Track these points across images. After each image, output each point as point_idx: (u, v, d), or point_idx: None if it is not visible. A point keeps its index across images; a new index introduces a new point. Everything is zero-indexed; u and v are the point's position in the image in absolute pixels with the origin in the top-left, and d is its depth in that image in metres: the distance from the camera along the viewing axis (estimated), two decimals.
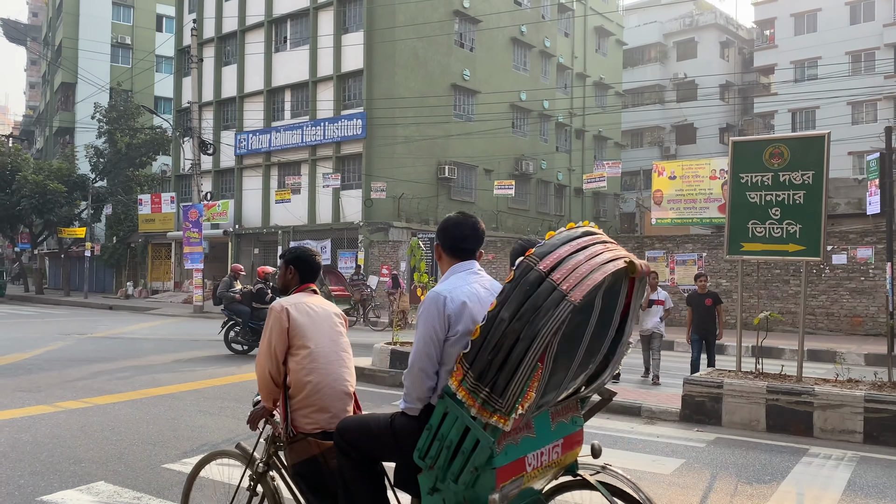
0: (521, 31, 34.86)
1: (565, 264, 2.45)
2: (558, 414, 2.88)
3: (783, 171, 7.77)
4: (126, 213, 39.35)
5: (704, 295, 10.28)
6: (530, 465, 2.67)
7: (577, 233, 2.61)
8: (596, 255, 2.51)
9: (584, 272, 2.43)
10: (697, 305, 10.25)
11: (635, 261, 2.57)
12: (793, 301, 18.12)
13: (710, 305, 10.18)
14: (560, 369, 2.53)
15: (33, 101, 76.48)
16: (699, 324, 10.18)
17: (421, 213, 29.61)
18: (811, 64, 40.54)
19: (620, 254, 2.59)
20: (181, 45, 37.14)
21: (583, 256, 2.49)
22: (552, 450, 2.80)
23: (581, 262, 2.46)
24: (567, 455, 2.93)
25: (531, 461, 2.67)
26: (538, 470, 2.71)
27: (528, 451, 2.65)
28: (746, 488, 5.42)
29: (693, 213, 23.26)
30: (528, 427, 2.67)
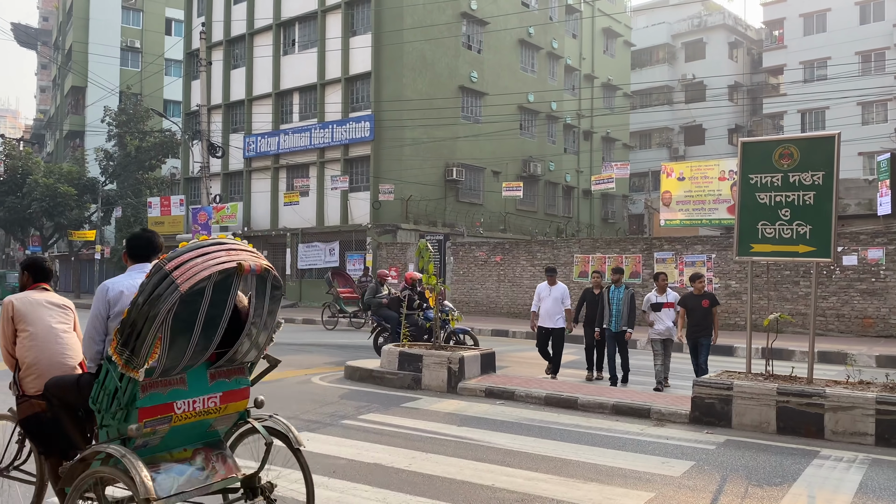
0: (529, 32, 34.85)
1: (186, 264, 3.31)
2: (219, 374, 3.79)
3: (793, 172, 7.72)
4: (136, 215, 39.54)
5: (701, 296, 9.91)
6: (179, 409, 3.56)
7: (206, 242, 3.51)
8: (213, 258, 3.39)
9: (196, 270, 3.30)
10: (694, 307, 9.84)
11: (244, 262, 3.45)
12: (803, 302, 18.02)
13: (707, 307, 9.80)
14: (180, 340, 3.40)
15: (44, 105, 76.98)
16: (694, 326, 9.81)
17: (429, 215, 29.63)
18: (821, 64, 40.34)
19: (238, 257, 3.48)
20: (190, 49, 37.31)
21: (201, 259, 3.36)
22: (208, 400, 3.71)
23: (198, 262, 3.33)
24: (229, 406, 3.86)
25: (181, 406, 3.57)
26: (189, 413, 3.61)
27: (177, 398, 3.55)
28: (757, 491, 5.40)
29: (702, 215, 23.16)
30: (182, 381, 3.58)
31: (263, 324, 3.79)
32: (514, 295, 23.86)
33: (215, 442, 3.87)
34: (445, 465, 5.96)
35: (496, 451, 6.47)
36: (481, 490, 5.30)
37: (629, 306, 10.54)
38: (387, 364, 10.33)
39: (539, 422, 7.77)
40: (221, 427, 3.88)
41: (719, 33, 47.19)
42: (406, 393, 9.50)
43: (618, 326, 10.54)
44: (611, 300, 10.72)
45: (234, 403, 3.88)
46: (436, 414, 8.15)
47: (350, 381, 10.43)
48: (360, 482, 5.45)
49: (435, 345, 10.35)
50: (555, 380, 10.47)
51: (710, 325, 9.79)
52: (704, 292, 10.02)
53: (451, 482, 5.48)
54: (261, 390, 9.99)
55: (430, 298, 10.92)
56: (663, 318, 10.20)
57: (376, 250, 27.88)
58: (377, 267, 27.22)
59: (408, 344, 10.62)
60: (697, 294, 9.95)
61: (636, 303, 10.97)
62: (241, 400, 3.93)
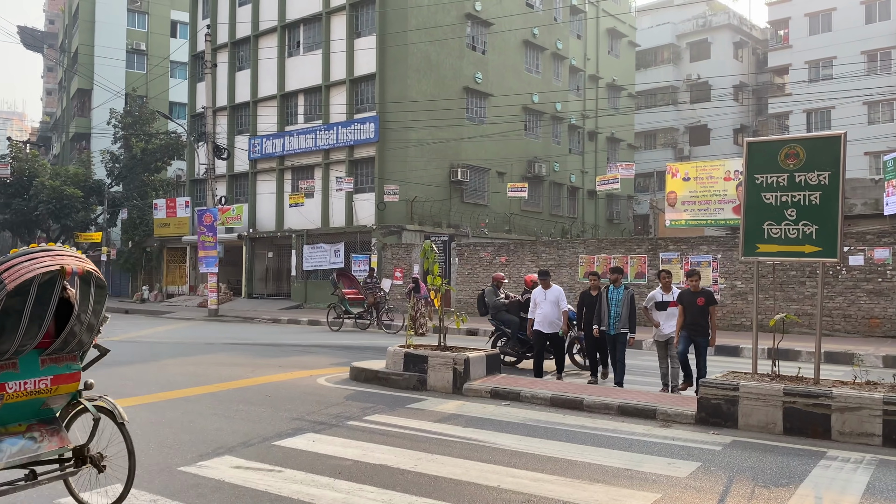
0: (534, 33, 34.84)
1: (14, 268, 3.91)
2: (51, 360, 4.34)
3: (799, 172, 7.70)
4: (141, 217, 39.66)
5: (697, 293, 9.34)
6: (11, 389, 4.12)
7: (36, 249, 4.11)
8: (38, 262, 3.98)
9: (22, 272, 3.89)
10: (689, 304, 9.32)
11: (67, 265, 4.03)
12: (809, 303, 17.97)
13: (703, 305, 9.25)
14: (9, 331, 3.97)
15: (50, 108, 77.27)
16: (690, 324, 9.29)
17: (434, 216, 29.64)
18: (826, 64, 40.23)
19: (63, 261, 4.07)
20: (195, 51, 37.43)
21: (28, 263, 3.97)
22: (39, 382, 4.26)
23: (24, 265, 3.94)
24: (60, 387, 4.39)
25: (12, 387, 4.13)
26: (20, 393, 4.17)
27: (8, 380, 4.11)
28: (763, 492, 5.38)
29: (707, 215, 23.11)
30: (13, 366, 4.13)
31: (89, 318, 4.35)
32: None
33: (49, 418, 4.42)
34: (451, 466, 5.96)
35: (502, 452, 6.47)
36: (487, 491, 5.30)
37: (629, 307, 10.07)
38: (392, 365, 10.33)
39: (545, 423, 7.77)
40: (55, 406, 4.44)
41: (724, 33, 47.10)
42: (411, 394, 9.50)
43: (616, 329, 10.07)
44: (609, 301, 10.24)
45: (65, 385, 4.41)
46: (441, 415, 8.15)
47: (355, 382, 10.44)
48: (366, 483, 5.45)
49: (440, 345, 10.35)
50: (560, 381, 10.46)
51: (707, 325, 9.28)
52: (701, 289, 9.46)
53: (457, 483, 5.48)
54: (267, 391, 10.04)
55: (436, 300, 10.89)
56: (666, 318, 9.80)
57: (381, 251, 27.91)
58: (382, 268, 27.25)
59: (413, 345, 10.62)
60: (694, 291, 9.39)
61: (638, 303, 10.62)
62: (72, 382, 4.44)
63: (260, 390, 9.66)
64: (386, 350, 11.02)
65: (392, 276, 26.27)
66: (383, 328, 19.95)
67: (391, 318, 20.48)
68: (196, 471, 5.66)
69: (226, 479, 5.49)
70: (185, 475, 5.55)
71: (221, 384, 10.13)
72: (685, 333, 9.35)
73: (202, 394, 9.33)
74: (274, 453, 6.27)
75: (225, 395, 9.21)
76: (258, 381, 10.51)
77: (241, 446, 6.48)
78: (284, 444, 6.61)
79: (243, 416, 7.85)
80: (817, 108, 39.49)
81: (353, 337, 18.36)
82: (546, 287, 10.79)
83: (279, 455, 6.20)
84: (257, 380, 10.59)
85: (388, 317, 20.46)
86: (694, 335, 9.30)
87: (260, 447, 6.47)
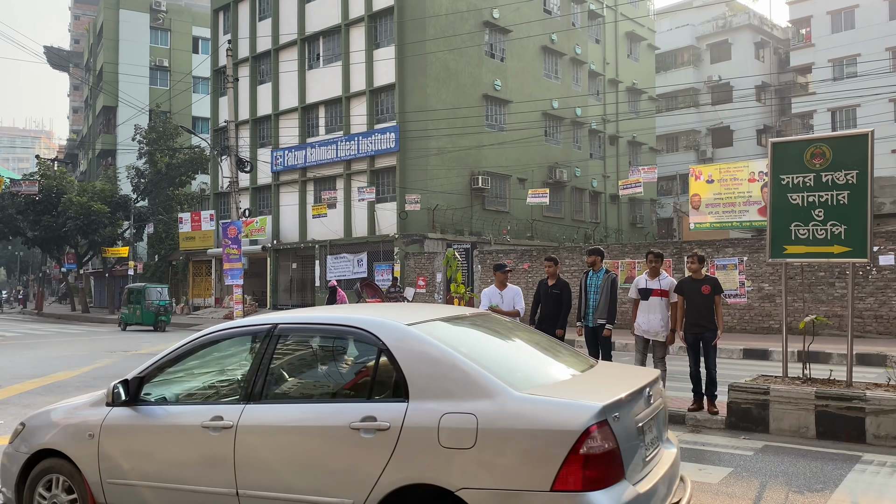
0: (552, 39, 34.82)
1: None
2: None
3: (825, 172, 7.60)
4: (167, 231, 40.17)
5: (701, 281, 8.13)
6: None
7: None
8: None
9: None
10: (692, 294, 8.10)
11: None
12: (839, 304, 17.68)
13: (708, 294, 8.03)
14: None
15: (76, 125, 78.70)
16: (693, 317, 8.06)
17: (455, 224, 29.66)
18: (850, 61, 39.68)
19: None
20: (217, 66, 37.91)
21: None
22: None
23: None
24: None
25: None
26: None
27: None
28: (798, 497, 5.29)
29: (732, 217, 22.87)
30: None
31: None
32: None
33: None
34: None
35: None
36: None
37: (608, 295, 8.72)
38: None
39: None
40: None
41: (745, 34, 46.69)
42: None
43: (594, 321, 8.81)
44: (588, 288, 8.90)
45: None
46: None
47: None
48: None
49: None
50: None
51: (713, 317, 8.04)
52: (706, 276, 8.25)
53: None
54: None
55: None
56: (649, 311, 8.39)
57: (404, 260, 27.97)
58: (405, 277, 27.31)
59: None
60: (696, 278, 8.19)
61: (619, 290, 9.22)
62: None
63: None
64: None
65: (415, 285, 26.34)
66: None
67: None
68: None
69: None
70: None
71: None
72: (690, 337, 8.13)
73: None
74: None
75: None
76: None
77: None
78: None
79: None
80: (842, 106, 38.94)
81: None
82: (502, 287, 9.06)
83: None
84: None
85: None
86: (699, 332, 8.05)
87: None
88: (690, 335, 8.16)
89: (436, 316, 4.15)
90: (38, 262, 65.27)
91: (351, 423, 3.52)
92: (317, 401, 3.94)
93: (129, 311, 27.71)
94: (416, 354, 3.60)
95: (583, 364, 4.24)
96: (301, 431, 3.71)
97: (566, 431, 3.15)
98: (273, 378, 4.03)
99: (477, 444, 3.24)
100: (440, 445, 3.30)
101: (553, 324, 9.06)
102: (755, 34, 46.95)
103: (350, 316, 4.08)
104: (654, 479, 3.53)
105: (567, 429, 3.15)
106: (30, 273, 76.92)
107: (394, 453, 3.40)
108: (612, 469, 3.19)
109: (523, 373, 3.74)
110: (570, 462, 3.11)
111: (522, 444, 3.21)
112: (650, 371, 4.26)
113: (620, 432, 3.28)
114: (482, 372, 3.45)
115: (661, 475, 3.60)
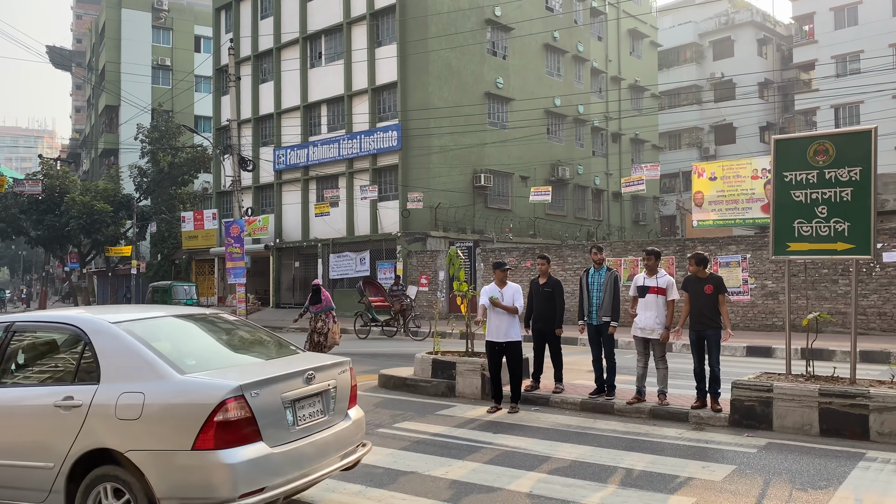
0: (554, 36, 34.77)
1: None
2: None
3: (829, 169, 7.57)
4: (170, 230, 40.21)
5: (704, 280, 8.11)
6: None
7: None
8: None
9: None
10: (695, 293, 8.11)
11: None
12: (842, 301, 17.64)
13: (711, 293, 8.00)
14: None
15: (79, 125, 78.82)
16: (696, 315, 8.06)
17: (458, 222, 29.65)
18: (853, 58, 39.58)
19: None
20: (219, 65, 37.92)
21: None
22: None
23: None
24: None
25: None
26: None
27: None
28: (801, 495, 5.28)
29: (735, 214, 22.83)
30: None
31: None
32: None
33: None
34: (482, 472, 5.94)
35: (533, 457, 6.43)
36: (520, 497, 5.27)
37: (611, 292, 8.77)
38: (420, 372, 10.33)
39: (575, 427, 7.71)
40: None
41: (747, 30, 46.59)
42: (440, 401, 9.49)
43: (599, 319, 8.83)
44: (590, 286, 8.92)
45: None
46: (471, 421, 8.13)
47: (384, 390, 10.45)
48: (398, 490, 5.46)
49: (468, 351, 10.32)
50: (514, 413, 8.46)
51: (717, 316, 8.02)
52: (709, 275, 8.22)
53: (489, 489, 5.46)
54: None
55: (462, 306, 10.68)
56: (646, 308, 8.33)
57: (406, 259, 27.97)
58: (408, 275, 27.31)
59: (441, 352, 10.60)
60: (700, 278, 8.17)
61: None
62: None
63: None
64: (413, 357, 11.02)
65: (418, 283, 26.33)
66: (410, 335, 19.98)
67: (418, 324, 20.49)
68: None
69: None
70: None
71: None
72: (693, 335, 8.12)
73: None
74: None
75: None
76: None
77: None
78: None
79: None
80: (845, 103, 38.85)
81: (381, 344, 18.40)
82: (502, 285, 8.81)
83: None
84: None
85: (415, 324, 20.49)
86: (701, 329, 8.04)
87: None
88: (693, 333, 8.13)
89: (162, 314, 5.21)
90: (42, 261, 65.41)
91: (55, 402, 4.44)
92: (34, 385, 4.85)
93: None
94: (110, 346, 4.55)
95: (278, 354, 5.25)
96: (17, 410, 4.65)
97: (205, 404, 4.07)
98: (7, 367, 5.00)
99: (142, 416, 4.16)
100: (116, 418, 4.22)
101: (549, 323, 9.15)
102: (758, 31, 46.84)
103: (69, 314, 5.04)
104: (304, 442, 4.49)
105: (206, 402, 4.07)
106: (33, 272, 77.09)
107: (83, 425, 4.30)
108: (244, 433, 4.12)
109: (201, 360, 4.70)
110: (207, 427, 4.02)
111: (175, 415, 4.15)
112: (329, 358, 5.19)
113: (260, 405, 4.21)
114: (156, 359, 4.39)
115: (315, 440, 4.59)
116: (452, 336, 16.95)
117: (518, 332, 8.72)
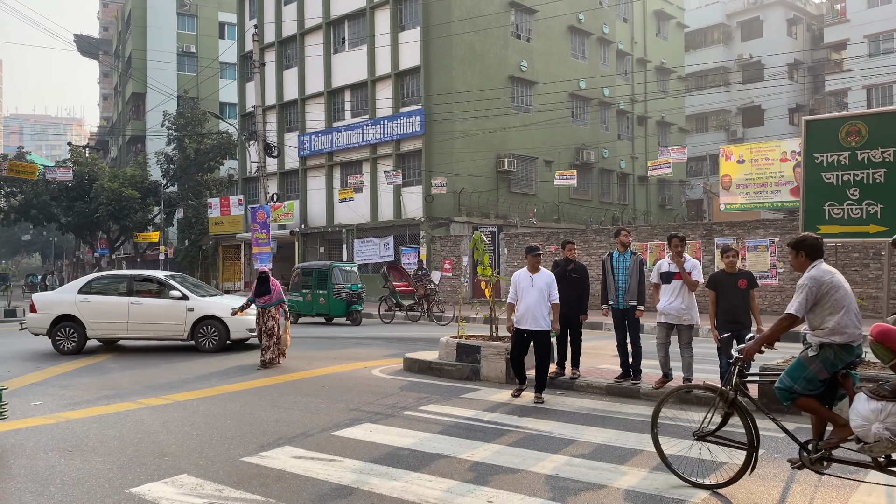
0: (579, 18, 34.39)
1: None
2: None
3: (861, 150, 7.44)
4: (197, 216, 40.67)
5: (736, 275, 7.67)
6: None
7: None
8: None
9: None
10: (727, 289, 7.63)
11: None
12: (874, 285, 17.35)
13: (745, 288, 7.60)
14: None
15: (107, 112, 79.74)
16: (730, 313, 7.61)
17: (481, 207, 29.60)
18: (886, 37, 38.65)
19: None
20: (243, 51, 38.10)
21: None
22: None
23: None
24: None
25: None
26: None
27: None
28: (832, 479, 5.23)
29: (763, 198, 22.52)
30: None
31: None
32: None
33: None
34: (508, 455, 5.96)
35: (558, 440, 6.44)
36: (546, 479, 5.28)
37: (638, 276, 8.68)
38: (445, 356, 10.37)
39: (601, 411, 7.70)
40: None
41: (777, 10, 45.66)
42: (465, 384, 9.52)
43: (625, 303, 8.73)
44: (615, 270, 8.82)
45: None
46: (496, 404, 8.15)
47: (409, 373, 10.52)
48: (424, 472, 5.50)
49: (492, 335, 10.33)
50: (539, 403, 8.14)
51: (749, 313, 7.65)
52: (740, 270, 7.77)
53: (514, 472, 5.48)
54: (324, 383, 10.21)
55: (486, 290, 10.69)
56: (671, 294, 8.12)
57: (430, 244, 28.01)
58: (431, 260, 27.36)
59: (465, 335, 10.63)
60: (730, 272, 7.73)
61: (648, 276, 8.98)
62: None
63: (316, 382, 9.82)
64: (438, 341, 11.07)
65: (441, 268, 26.37)
66: (434, 319, 20.06)
67: (442, 309, 20.56)
68: (258, 461, 5.79)
69: (287, 468, 5.60)
70: (248, 465, 5.68)
71: (278, 376, 10.33)
72: (727, 333, 7.15)
73: (261, 386, 9.53)
74: (333, 443, 6.37)
75: (283, 387, 9.40)
76: (314, 373, 10.68)
77: (300, 437, 6.60)
78: (342, 434, 6.71)
79: (301, 408, 7.99)
80: (878, 83, 37.99)
81: (405, 328, 18.49)
82: (534, 270, 8.60)
83: (338, 445, 6.30)
84: (313, 372, 10.76)
85: (439, 308, 20.56)
86: (737, 329, 7.47)
87: (319, 437, 6.58)
88: (727, 332, 7.32)
89: None
90: (72, 247, 66.52)
91: None
92: None
93: (303, 298, 20.90)
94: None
95: None
96: None
97: None
98: None
99: None
100: None
101: (574, 308, 9.11)
102: (787, 10, 45.89)
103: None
104: None
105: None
106: (64, 258, 78.46)
107: None
108: None
109: None
110: None
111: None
112: None
113: None
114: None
115: None
116: (476, 321, 16.98)
117: (548, 320, 8.37)
